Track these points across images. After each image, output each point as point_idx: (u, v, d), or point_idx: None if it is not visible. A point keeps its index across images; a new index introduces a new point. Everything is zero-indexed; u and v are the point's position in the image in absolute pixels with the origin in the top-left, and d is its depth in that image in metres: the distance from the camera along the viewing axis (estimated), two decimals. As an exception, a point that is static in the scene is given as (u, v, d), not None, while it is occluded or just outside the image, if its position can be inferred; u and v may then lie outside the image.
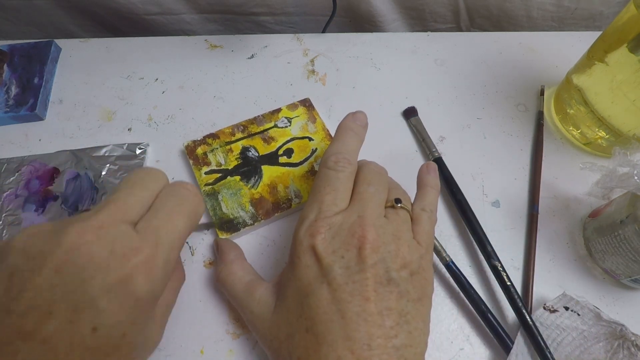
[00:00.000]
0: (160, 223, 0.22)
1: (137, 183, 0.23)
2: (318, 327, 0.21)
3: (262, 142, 0.35)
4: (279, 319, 0.23)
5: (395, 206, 0.25)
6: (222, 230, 0.31)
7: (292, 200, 0.33)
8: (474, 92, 0.41)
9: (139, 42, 0.44)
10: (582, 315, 0.27)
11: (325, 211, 0.24)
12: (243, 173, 0.34)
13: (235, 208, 0.32)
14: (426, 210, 0.26)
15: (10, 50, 0.40)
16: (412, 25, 0.52)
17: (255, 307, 0.25)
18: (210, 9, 0.49)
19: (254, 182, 0.33)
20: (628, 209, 0.27)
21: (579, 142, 0.37)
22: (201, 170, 0.34)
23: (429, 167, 0.29)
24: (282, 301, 0.24)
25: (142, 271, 0.20)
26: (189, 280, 0.30)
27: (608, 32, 0.32)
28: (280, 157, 0.35)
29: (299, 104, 0.38)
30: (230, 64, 0.42)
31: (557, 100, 0.38)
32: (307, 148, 0.36)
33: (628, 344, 0.26)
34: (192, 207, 0.24)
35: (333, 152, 0.27)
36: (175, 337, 0.28)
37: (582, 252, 0.32)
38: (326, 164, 0.26)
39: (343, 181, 0.25)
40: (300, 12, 0.50)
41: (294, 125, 0.37)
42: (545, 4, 0.47)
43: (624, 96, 0.31)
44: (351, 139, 0.28)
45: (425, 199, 0.27)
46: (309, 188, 0.33)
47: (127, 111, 0.39)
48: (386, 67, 0.42)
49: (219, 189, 0.33)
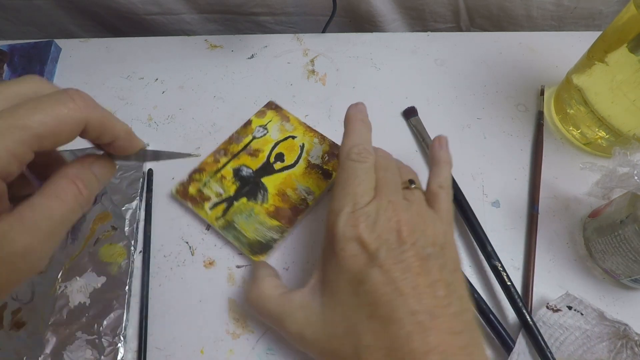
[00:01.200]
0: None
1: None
2: (381, 310, 0.21)
3: (250, 158, 0.35)
4: (332, 316, 0.23)
5: (409, 187, 0.26)
6: (256, 255, 0.30)
7: (306, 199, 0.33)
8: (474, 92, 0.41)
9: (139, 42, 0.44)
10: (586, 315, 0.27)
11: (359, 202, 0.25)
12: (247, 193, 0.33)
13: (257, 229, 0.31)
14: (443, 187, 0.27)
15: (10, 50, 0.40)
16: (412, 25, 0.52)
17: (298, 315, 0.24)
18: (210, 9, 0.49)
19: (261, 197, 0.33)
20: (628, 209, 0.27)
21: (579, 142, 0.37)
22: (204, 207, 0.32)
23: (441, 142, 0.30)
24: (331, 298, 0.23)
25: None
26: (189, 280, 0.30)
27: (608, 32, 0.32)
28: (274, 164, 0.34)
29: (265, 109, 0.37)
30: (230, 64, 0.42)
31: (557, 100, 0.38)
32: (295, 146, 0.35)
33: (631, 344, 0.26)
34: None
35: (353, 144, 0.28)
36: (175, 337, 0.28)
37: (582, 252, 0.32)
38: (349, 157, 0.27)
39: (368, 171, 0.26)
40: (300, 12, 0.50)
41: (272, 130, 0.36)
42: (545, 3, 0.47)
43: (624, 96, 0.31)
44: (364, 129, 0.29)
45: (441, 175, 0.28)
46: (316, 182, 0.33)
47: (127, 111, 0.39)
48: (386, 67, 0.42)
49: (231, 218, 0.31)
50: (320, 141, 0.36)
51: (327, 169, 0.34)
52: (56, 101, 0.19)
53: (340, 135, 0.37)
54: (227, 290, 0.30)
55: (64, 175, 0.20)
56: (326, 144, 0.36)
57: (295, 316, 0.24)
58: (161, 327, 0.29)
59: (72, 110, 0.19)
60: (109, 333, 0.28)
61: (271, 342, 0.28)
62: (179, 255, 0.32)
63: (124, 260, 0.30)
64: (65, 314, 0.28)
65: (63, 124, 0.19)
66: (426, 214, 0.25)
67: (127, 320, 0.29)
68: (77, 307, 0.28)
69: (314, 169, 0.34)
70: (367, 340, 0.21)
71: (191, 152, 0.31)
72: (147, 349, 0.28)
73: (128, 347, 0.28)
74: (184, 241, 0.32)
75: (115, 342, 0.27)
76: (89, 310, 0.28)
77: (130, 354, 0.28)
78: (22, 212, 0.19)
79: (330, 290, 0.23)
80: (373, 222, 0.24)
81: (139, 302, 0.29)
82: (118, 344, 0.27)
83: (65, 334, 0.27)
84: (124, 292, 0.29)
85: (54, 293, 0.29)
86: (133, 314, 0.29)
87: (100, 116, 0.20)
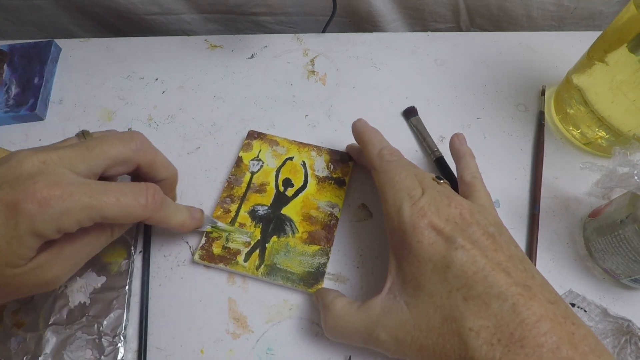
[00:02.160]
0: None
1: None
2: (477, 289, 0.21)
3: (259, 195, 0.33)
4: (424, 310, 0.22)
5: (439, 182, 0.27)
6: (312, 286, 0.29)
7: (333, 213, 0.32)
8: (474, 92, 0.41)
9: (139, 42, 0.44)
10: (589, 312, 0.28)
11: (415, 195, 0.25)
12: (274, 231, 0.31)
13: (301, 262, 0.30)
14: (476, 177, 0.29)
15: (10, 50, 0.40)
16: (412, 25, 0.52)
17: (384, 321, 0.23)
18: (210, 9, 0.49)
19: (290, 229, 0.32)
20: (628, 209, 0.27)
21: (579, 142, 0.37)
22: (239, 262, 0.30)
23: (460, 138, 0.32)
24: (416, 293, 0.23)
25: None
26: (189, 280, 0.30)
27: (608, 32, 0.32)
28: (285, 192, 0.33)
29: (249, 140, 0.36)
30: (230, 64, 0.42)
31: (557, 100, 0.38)
32: (297, 167, 0.35)
33: (635, 339, 0.26)
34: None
35: (379, 147, 0.30)
36: (175, 337, 0.28)
37: (582, 252, 0.32)
38: (383, 158, 0.28)
39: (406, 166, 0.28)
40: (300, 12, 0.50)
41: (266, 160, 0.35)
42: (545, 4, 0.47)
43: (624, 96, 0.31)
44: (379, 134, 0.31)
45: (470, 167, 0.30)
46: (334, 194, 0.33)
47: (127, 111, 0.39)
48: (386, 67, 0.42)
49: (271, 261, 0.30)
50: (318, 152, 0.35)
51: (337, 177, 0.34)
52: (134, 199, 0.23)
53: (341, 134, 0.37)
54: (227, 290, 0.30)
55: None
56: (325, 153, 0.35)
57: (383, 322, 0.23)
58: (161, 327, 0.29)
59: (141, 210, 0.24)
60: (109, 333, 0.28)
61: (271, 342, 0.28)
62: (179, 255, 0.32)
63: (124, 260, 0.30)
64: (65, 314, 0.28)
65: (127, 218, 0.23)
66: (464, 200, 0.26)
67: (127, 320, 0.29)
68: (77, 307, 0.28)
69: (326, 182, 0.34)
70: (469, 322, 0.20)
71: (247, 233, 0.31)
72: (147, 349, 0.28)
73: (128, 347, 0.28)
74: (184, 241, 0.32)
75: (115, 342, 0.27)
76: (89, 310, 0.28)
77: (130, 354, 0.28)
78: (64, 246, 0.23)
79: (414, 287, 0.23)
80: (436, 208, 0.24)
81: (139, 302, 0.29)
82: (118, 344, 0.27)
83: (65, 334, 0.27)
84: (124, 292, 0.29)
85: (54, 293, 0.29)
86: (133, 314, 0.29)
87: (160, 220, 0.26)
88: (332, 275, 0.31)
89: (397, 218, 0.25)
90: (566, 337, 0.19)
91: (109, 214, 0.22)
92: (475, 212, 0.24)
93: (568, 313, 0.20)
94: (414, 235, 0.23)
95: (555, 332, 0.19)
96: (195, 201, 0.34)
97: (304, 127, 0.38)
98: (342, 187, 0.34)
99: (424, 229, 0.23)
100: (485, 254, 0.22)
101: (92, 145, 0.24)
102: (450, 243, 0.22)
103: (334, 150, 0.36)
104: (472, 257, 0.22)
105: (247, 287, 0.30)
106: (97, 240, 0.25)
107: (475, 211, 0.24)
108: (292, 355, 0.28)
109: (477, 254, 0.22)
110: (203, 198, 0.34)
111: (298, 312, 0.29)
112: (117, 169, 0.26)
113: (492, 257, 0.22)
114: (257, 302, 0.30)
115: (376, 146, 0.30)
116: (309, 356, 0.28)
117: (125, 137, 0.26)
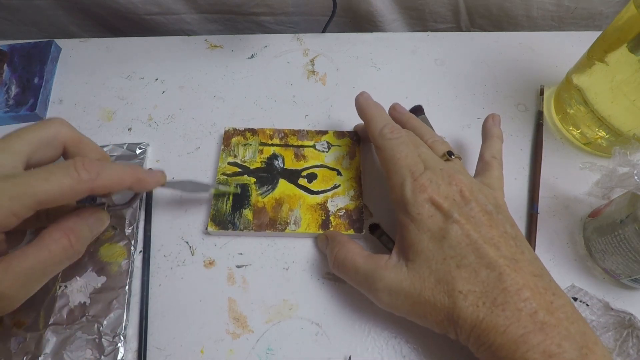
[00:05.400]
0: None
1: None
2: (467, 260, 0.23)
3: (293, 157, 0.34)
4: (420, 271, 0.24)
5: (450, 159, 0.29)
6: (212, 222, 0.31)
7: (288, 225, 0.31)
8: (474, 92, 0.41)
9: (139, 42, 0.44)
10: (591, 306, 0.28)
11: (416, 171, 0.27)
12: (260, 178, 0.33)
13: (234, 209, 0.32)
14: (496, 158, 0.30)
15: (10, 50, 0.40)
16: (412, 25, 0.52)
17: (386, 273, 0.25)
18: (210, 9, 0.49)
19: (264, 190, 0.33)
20: (628, 208, 0.27)
21: (579, 142, 0.37)
22: (226, 159, 0.34)
23: (495, 119, 0.33)
24: (416, 257, 0.25)
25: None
26: (189, 280, 0.30)
27: (608, 32, 0.32)
28: (301, 177, 0.34)
29: (347, 133, 0.36)
30: (230, 64, 0.42)
31: (557, 100, 0.38)
32: (331, 181, 0.33)
33: (637, 332, 0.26)
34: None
35: (380, 125, 0.30)
36: (175, 337, 0.28)
37: (582, 252, 0.32)
38: (384, 137, 0.29)
39: (408, 144, 0.28)
40: (300, 12, 0.50)
41: (331, 153, 0.35)
42: (545, 4, 0.47)
43: (624, 96, 0.31)
44: (382, 110, 0.32)
45: (494, 148, 0.31)
46: (311, 220, 0.31)
47: (127, 111, 0.39)
48: (386, 67, 0.42)
49: (231, 182, 0.33)
50: (356, 196, 0.33)
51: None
52: (64, 174, 0.22)
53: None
54: (227, 290, 0.30)
55: (59, 228, 0.24)
56: (358, 200, 0.33)
57: (384, 274, 0.25)
58: (161, 327, 0.29)
59: (76, 182, 0.22)
60: (109, 333, 0.28)
61: (271, 342, 0.28)
62: (179, 255, 0.32)
63: (124, 260, 0.30)
64: (65, 314, 0.28)
65: (65, 195, 0.22)
66: (473, 178, 0.28)
67: (127, 320, 0.29)
68: (77, 307, 0.28)
69: (321, 209, 0.32)
70: (460, 286, 0.23)
71: (209, 184, 0.32)
72: (147, 349, 0.28)
73: (128, 347, 0.28)
74: (184, 241, 0.32)
75: (115, 342, 0.27)
76: (89, 310, 0.28)
77: (130, 354, 0.28)
78: (11, 260, 0.22)
79: (414, 252, 0.25)
80: (437, 185, 0.26)
81: (139, 302, 0.29)
82: (118, 344, 0.27)
83: (65, 334, 0.27)
84: (124, 292, 0.29)
85: (54, 293, 0.29)
86: (133, 314, 0.29)
87: (105, 184, 0.23)
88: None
89: (400, 192, 0.27)
90: (544, 305, 0.21)
91: (43, 196, 0.21)
92: (476, 190, 0.26)
93: (550, 285, 0.23)
94: (415, 208, 0.25)
95: (534, 300, 0.21)
96: (196, 201, 0.34)
97: (304, 127, 0.38)
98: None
99: (424, 202, 0.25)
100: (478, 230, 0.24)
101: (8, 136, 0.24)
102: (447, 217, 0.25)
103: (364, 208, 0.33)
104: (466, 231, 0.24)
105: (247, 287, 0.30)
106: (51, 249, 0.23)
107: (475, 189, 0.26)
108: (292, 355, 0.28)
109: (470, 228, 0.24)
110: (203, 198, 0.34)
111: (298, 312, 0.29)
112: (43, 152, 0.25)
113: (485, 232, 0.24)
114: (257, 302, 0.30)
115: (378, 125, 0.30)
116: (309, 356, 0.28)
117: (44, 121, 0.26)
